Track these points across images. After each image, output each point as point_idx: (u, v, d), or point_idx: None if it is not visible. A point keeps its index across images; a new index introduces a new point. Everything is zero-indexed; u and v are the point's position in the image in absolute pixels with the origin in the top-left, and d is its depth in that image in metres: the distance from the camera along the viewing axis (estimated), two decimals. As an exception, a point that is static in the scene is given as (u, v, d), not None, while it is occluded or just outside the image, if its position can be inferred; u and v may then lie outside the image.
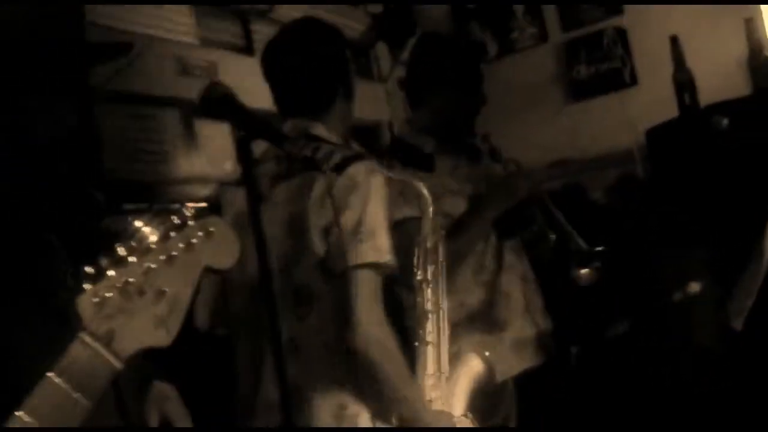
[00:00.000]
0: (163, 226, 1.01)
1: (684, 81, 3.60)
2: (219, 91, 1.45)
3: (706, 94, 3.65)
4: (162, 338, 0.98)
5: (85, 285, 0.93)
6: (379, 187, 1.70)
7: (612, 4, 4.65)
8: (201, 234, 1.03)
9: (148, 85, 3.18)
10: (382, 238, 1.65)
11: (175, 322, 0.99)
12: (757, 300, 2.29)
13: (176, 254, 1.00)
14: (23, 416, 0.86)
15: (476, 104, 2.49)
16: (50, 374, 0.88)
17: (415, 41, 2.62)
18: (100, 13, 2.96)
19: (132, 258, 0.98)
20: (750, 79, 3.96)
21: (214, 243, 1.04)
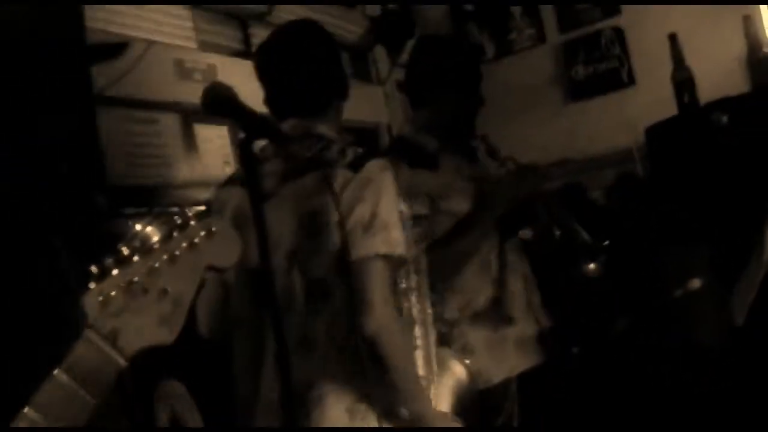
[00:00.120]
0: (166, 226, 1.02)
1: (683, 79, 3.61)
2: (221, 91, 1.45)
3: (705, 92, 3.66)
4: (165, 336, 0.99)
5: (90, 284, 0.94)
6: (392, 183, 1.73)
7: (609, 5, 4.67)
8: (203, 233, 1.03)
9: (148, 90, 3.19)
10: (395, 231, 1.68)
11: (178, 320, 1.00)
12: (758, 296, 2.30)
13: (179, 254, 1.00)
14: (30, 413, 0.87)
15: (475, 105, 2.50)
16: (56, 371, 0.89)
17: (415, 42, 2.63)
18: (99, 17, 2.97)
19: (136, 257, 0.99)
20: (749, 76, 3.98)
21: (215, 242, 1.05)
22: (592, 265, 2.31)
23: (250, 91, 1.81)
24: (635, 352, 2.68)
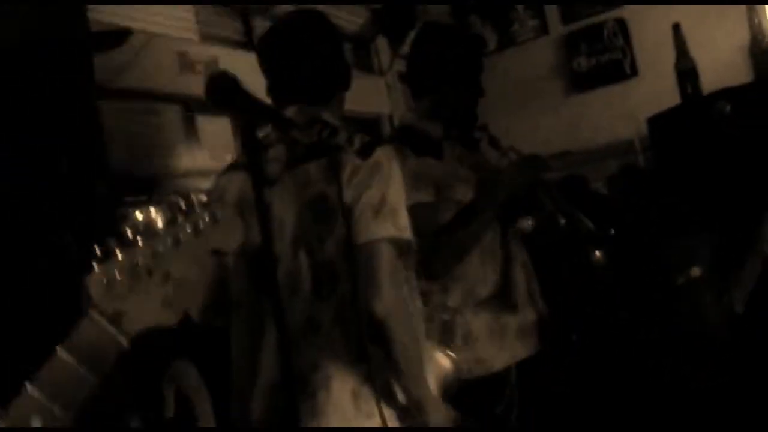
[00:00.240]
0: (171, 210, 1.02)
1: (686, 68, 3.61)
2: (224, 79, 1.46)
3: (709, 82, 3.66)
4: (169, 318, 0.99)
5: (94, 265, 0.95)
6: (399, 170, 1.75)
7: (612, -4, 4.67)
8: (207, 218, 1.04)
9: (150, 81, 3.20)
10: (403, 216, 1.70)
11: (182, 303, 1.01)
12: (757, 285, 2.31)
13: (184, 238, 1.01)
14: (32, 390, 0.88)
15: (476, 95, 2.49)
16: (59, 349, 0.90)
17: (417, 31, 2.62)
18: (101, 9, 2.98)
19: (140, 241, 0.99)
20: (752, 66, 3.98)
21: (220, 227, 1.06)
22: (598, 254, 2.32)
23: (251, 83, 1.82)
24: (636, 344, 2.68)
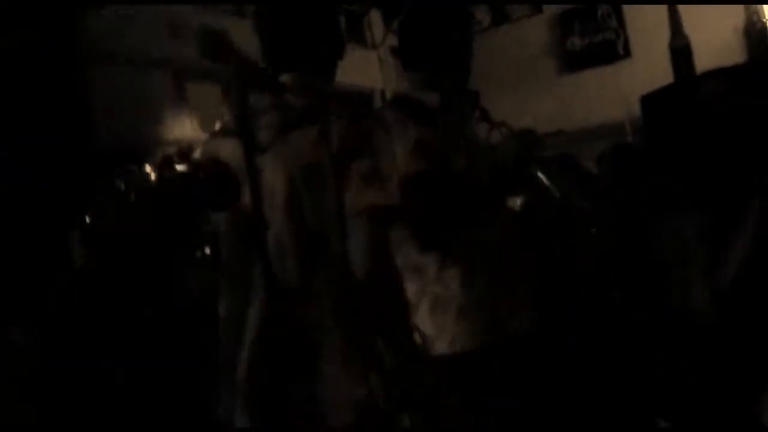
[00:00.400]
0: (166, 165, 1.01)
1: (680, 46, 3.60)
2: (219, 37, 1.42)
3: (703, 62, 3.65)
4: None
5: (87, 217, 0.93)
6: (393, 138, 1.73)
7: (607, -25, 4.65)
8: (203, 175, 1.02)
9: (141, 47, 3.16)
10: (394, 185, 1.69)
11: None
12: (746, 264, 2.31)
13: (178, 192, 0.99)
14: (12, 330, 0.86)
15: (466, 70, 2.46)
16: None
17: (407, 6, 2.58)
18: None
19: (132, 195, 0.97)
20: (746, 47, 3.98)
21: (215, 184, 1.04)
22: (594, 228, 2.31)
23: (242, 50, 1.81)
24: (629, 328, 2.67)
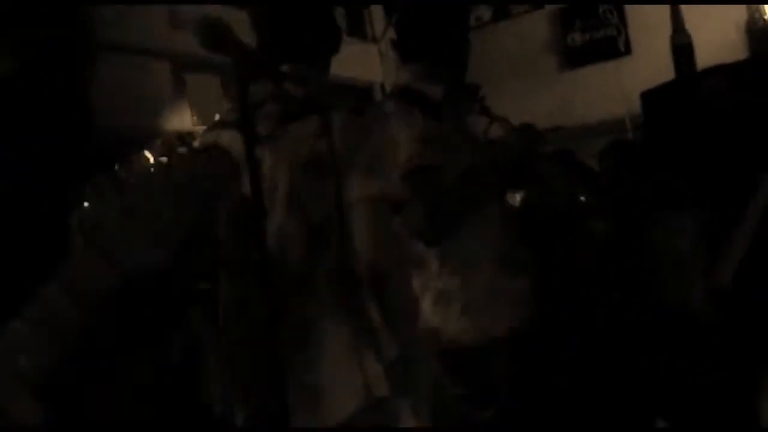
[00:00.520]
0: (166, 152, 1.00)
1: (682, 43, 3.59)
2: (219, 25, 1.41)
3: (704, 59, 3.64)
4: (161, 257, 0.97)
5: (85, 202, 0.92)
6: (392, 128, 1.74)
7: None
8: (202, 162, 1.02)
9: (141, 38, 3.16)
10: (396, 175, 1.70)
11: (175, 242, 0.98)
12: (745, 261, 2.31)
13: (177, 180, 0.98)
14: (19, 325, 0.85)
15: (464, 60, 2.45)
16: (48, 284, 0.87)
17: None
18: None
19: (132, 180, 0.96)
20: (748, 44, 3.97)
21: (215, 172, 1.04)
22: (600, 223, 2.32)
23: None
24: (629, 328, 2.66)
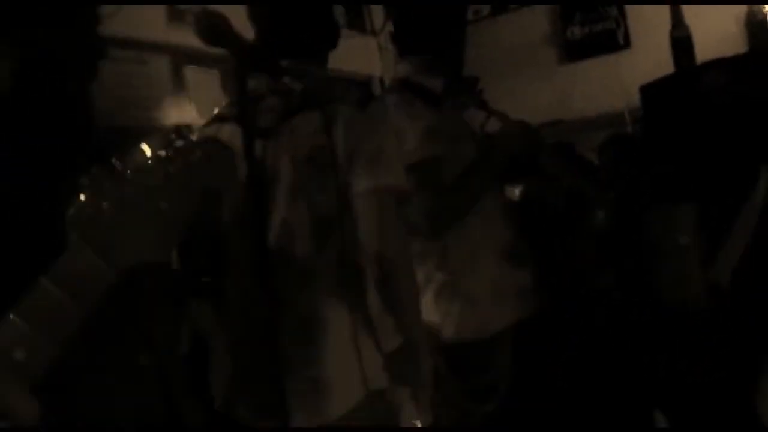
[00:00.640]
0: (162, 144, 0.99)
1: (681, 37, 3.58)
2: (218, 18, 1.41)
3: (704, 53, 3.63)
4: (159, 255, 0.96)
5: (81, 195, 0.91)
6: (394, 121, 1.75)
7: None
8: (201, 155, 1.00)
9: (139, 31, 3.14)
10: (400, 167, 1.70)
11: (173, 240, 0.97)
12: (744, 256, 2.31)
13: (175, 172, 0.97)
14: (15, 318, 0.84)
15: (461, 53, 2.45)
16: (42, 278, 0.86)
17: None
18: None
19: (129, 173, 0.95)
20: (748, 37, 3.97)
21: (214, 165, 1.03)
22: (602, 216, 2.32)
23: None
24: (629, 328, 2.66)
